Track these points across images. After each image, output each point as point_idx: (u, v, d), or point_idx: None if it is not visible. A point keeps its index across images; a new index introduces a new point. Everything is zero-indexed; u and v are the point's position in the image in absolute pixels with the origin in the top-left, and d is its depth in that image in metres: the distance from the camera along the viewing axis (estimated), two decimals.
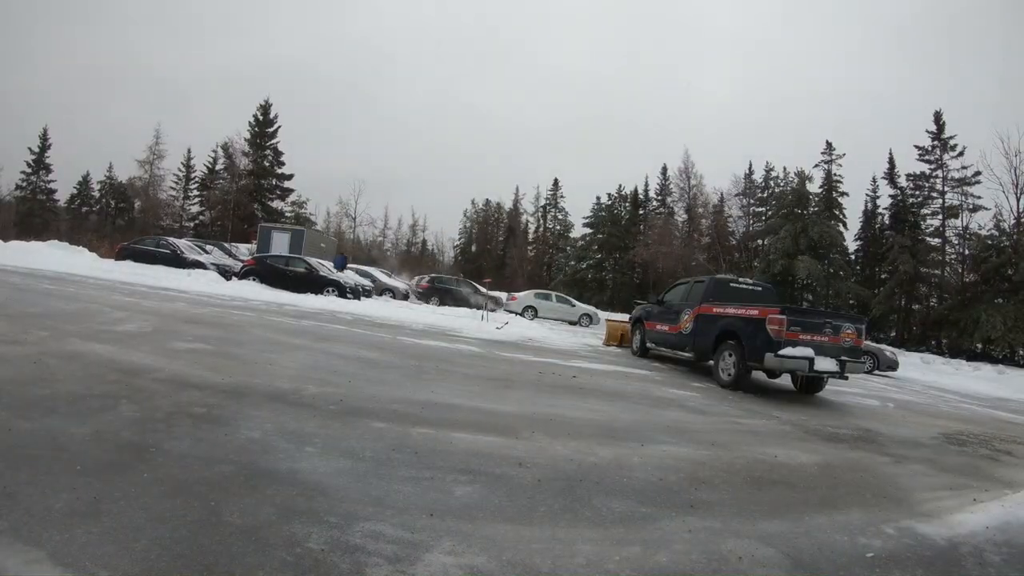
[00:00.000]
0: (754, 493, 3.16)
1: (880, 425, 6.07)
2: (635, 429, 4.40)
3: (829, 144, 31.91)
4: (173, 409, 3.33)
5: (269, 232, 22.65)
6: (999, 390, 13.76)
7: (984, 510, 3.19)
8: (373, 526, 2.17)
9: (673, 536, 2.43)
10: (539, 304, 22.37)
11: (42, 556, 1.71)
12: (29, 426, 2.77)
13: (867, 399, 8.39)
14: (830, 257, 29.91)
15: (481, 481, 2.81)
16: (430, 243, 56.38)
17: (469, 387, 5.31)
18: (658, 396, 6.24)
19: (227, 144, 38.91)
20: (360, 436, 3.28)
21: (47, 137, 41.08)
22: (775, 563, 2.28)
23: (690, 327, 8.70)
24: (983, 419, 8.01)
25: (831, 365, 6.86)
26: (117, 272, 14.21)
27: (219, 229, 37.36)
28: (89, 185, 43.68)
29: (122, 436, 2.80)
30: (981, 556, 2.57)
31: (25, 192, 40.69)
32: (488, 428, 3.85)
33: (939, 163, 27.41)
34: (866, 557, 2.43)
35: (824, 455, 4.31)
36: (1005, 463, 4.84)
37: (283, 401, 3.83)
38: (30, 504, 2.01)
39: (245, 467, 2.59)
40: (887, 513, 3.05)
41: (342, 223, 47.19)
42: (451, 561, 1.99)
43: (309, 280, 15.87)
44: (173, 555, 1.80)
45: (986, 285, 24.11)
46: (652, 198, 43.41)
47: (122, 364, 4.32)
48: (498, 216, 54.39)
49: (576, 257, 44.20)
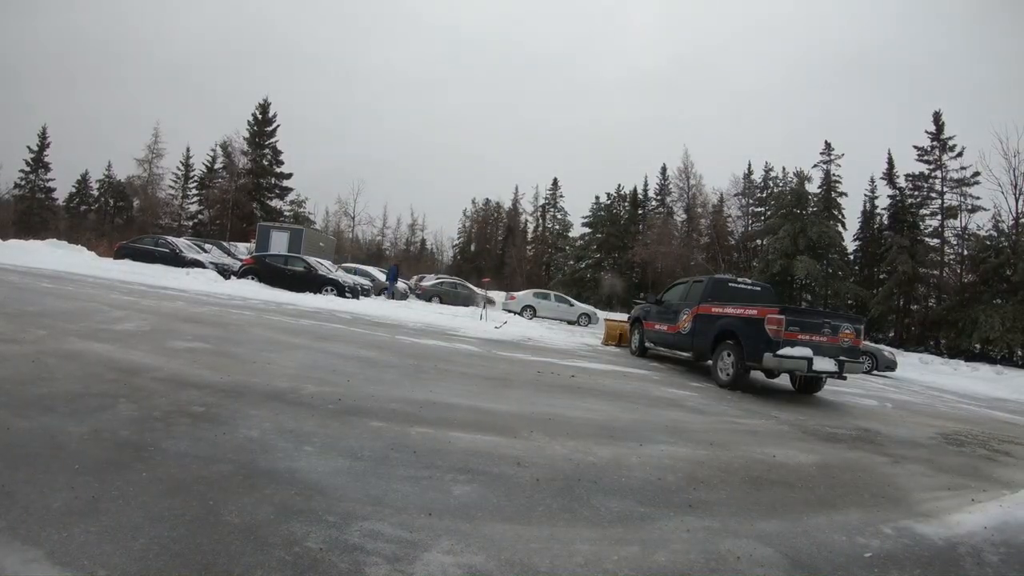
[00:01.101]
0: (752, 493, 3.16)
1: (878, 425, 6.08)
2: (633, 429, 4.40)
3: (828, 144, 31.99)
4: (171, 408, 3.33)
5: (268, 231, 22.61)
6: (997, 390, 13.79)
7: (982, 510, 3.19)
8: (372, 525, 2.17)
9: (671, 536, 2.43)
10: (538, 303, 22.40)
11: (40, 555, 1.71)
12: (27, 425, 2.77)
13: (865, 399, 8.40)
14: (829, 257, 29.98)
15: (480, 480, 2.81)
16: (429, 242, 56.45)
17: (468, 386, 5.31)
18: (656, 396, 6.24)
19: (226, 143, 38.93)
20: (359, 435, 3.28)
21: (46, 135, 41.06)
22: (773, 563, 2.28)
23: (689, 327, 8.70)
24: (981, 419, 8.02)
25: (830, 365, 6.87)
26: (116, 271, 14.21)
27: (218, 228, 37.32)
28: (88, 184, 43.66)
29: (120, 435, 2.79)
30: (979, 556, 2.58)
31: (24, 191, 40.62)
32: (487, 427, 3.85)
33: (938, 163, 27.44)
34: (864, 557, 2.43)
35: (822, 455, 4.31)
36: (1003, 463, 4.85)
37: (282, 400, 3.83)
38: (28, 503, 2.00)
39: (243, 466, 2.59)
40: (885, 513, 3.05)
41: (341, 222, 47.24)
42: (450, 560, 1.99)
43: (308, 279, 15.88)
44: (171, 554, 1.80)
45: (985, 286, 24.13)
46: (651, 198, 43.44)
47: (121, 363, 4.31)
48: (497, 215, 54.36)
49: (575, 257, 44.22)
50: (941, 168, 27.34)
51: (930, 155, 27.72)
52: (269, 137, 39.32)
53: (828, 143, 31.97)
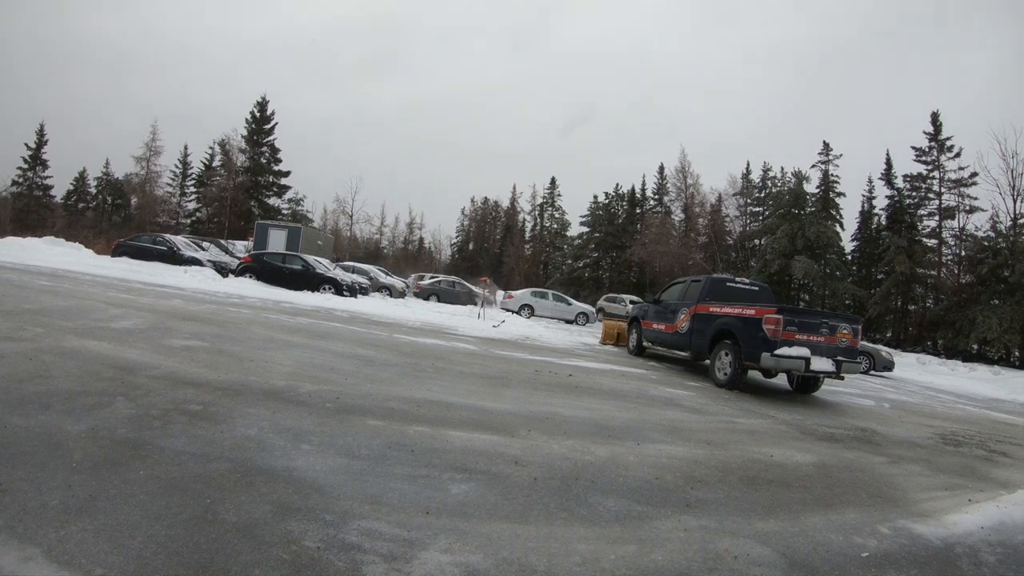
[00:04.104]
0: (750, 492, 3.17)
1: (876, 425, 6.09)
2: (631, 428, 4.41)
3: (826, 144, 32.08)
4: (169, 406, 3.32)
5: (266, 229, 22.55)
6: (994, 391, 13.81)
7: (979, 510, 3.21)
8: (369, 524, 2.17)
9: (669, 535, 2.43)
10: (536, 303, 22.41)
11: (37, 553, 1.70)
12: (24, 423, 2.76)
13: (863, 399, 8.42)
14: (827, 257, 30.03)
15: (477, 479, 2.81)
16: (427, 241, 56.44)
17: (466, 385, 5.30)
18: (654, 395, 6.25)
19: (224, 141, 38.82)
20: (356, 434, 3.28)
21: (43, 133, 40.92)
22: (771, 562, 2.28)
23: (687, 326, 8.71)
24: (978, 420, 8.04)
25: (827, 365, 6.88)
26: (113, 269, 14.17)
27: (216, 226, 37.24)
28: (86, 181, 43.59)
29: (118, 433, 2.79)
30: (976, 556, 2.58)
31: (21, 188, 40.49)
32: (484, 426, 3.85)
33: (936, 164, 27.53)
34: (861, 557, 2.44)
35: (820, 455, 4.32)
36: (1000, 464, 4.86)
37: (279, 399, 3.82)
38: (25, 501, 2.00)
39: (241, 464, 2.58)
40: (883, 513, 3.06)
41: (339, 220, 47.18)
42: (447, 559, 1.99)
43: (306, 277, 15.87)
44: (168, 552, 1.79)
45: (982, 286, 24.19)
46: (649, 197, 43.47)
47: (118, 361, 4.30)
48: (496, 214, 54.39)
49: (573, 256, 44.22)
50: (939, 169, 27.44)
51: (928, 156, 27.82)
52: (267, 135, 39.22)
53: (826, 143, 32.13)
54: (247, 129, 38.71)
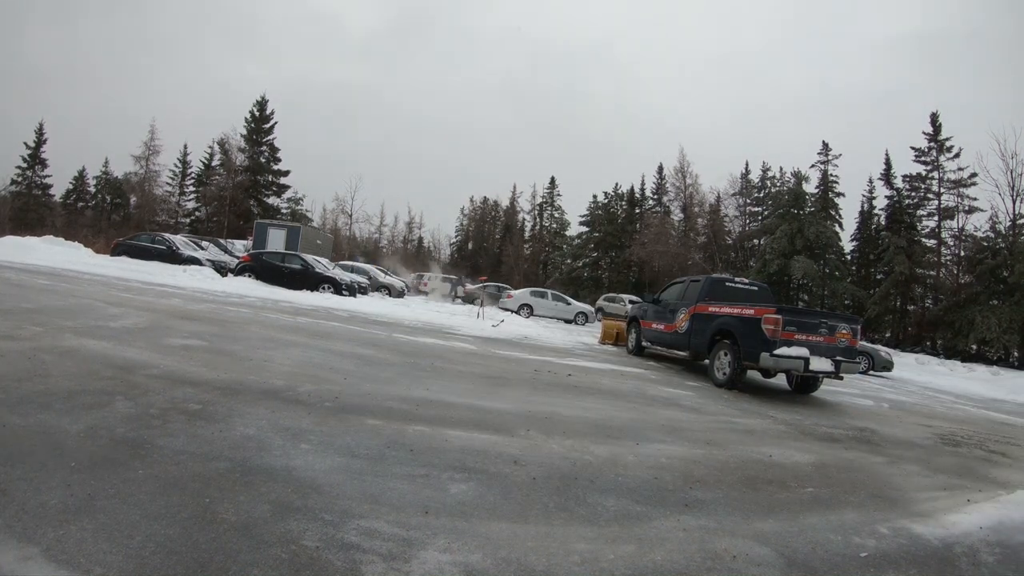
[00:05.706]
0: (749, 492, 3.17)
1: (875, 425, 6.10)
2: (630, 428, 4.41)
3: (826, 144, 32.08)
4: (168, 406, 3.32)
5: (265, 228, 22.52)
6: (993, 391, 13.82)
7: (978, 510, 3.20)
8: (368, 523, 2.17)
9: (668, 535, 2.43)
10: (535, 302, 22.42)
11: (36, 553, 1.70)
12: (23, 422, 2.75)
13: (862, 399, 8.42)
14: (826, 257, 30.04)
15: (476, 479, 2.81)
16: (427, 240, 56.41)
17: (465, 385, 5.30)
18: (653, 395, 6.25)
19: (223, 140, 38.74)
20: (355, 433, 3.28)
21: (43, 131, 40.81)
22: (769, 562, 2.28)
23: (686, 326, 8.71)
24: (977, 420, 8.05)
25: (826, 365, 6.88)
26: (112, 268, 14.15)
27: (215, 225, 37.21)
28: (85, 180, 43.46)
29: (117, 432, 2.78)
30: (975, 556, 2.59)
31: (20, 187, 40.41)
32: (483, 426, 3.85)
33: (935, 164, 27.55)
34: (860, 557, 2.44)
35: (819, 455, 4.32)
36: (999, 464, 4.87)
37: (278, 398, 3.82)
38: (24, 500, 2.00)
39: (240, 464, 2.58)
40: (882, 513, 3.06)
41: (338, 220, 47.15)
42: (446, 559, 1.99)
43: (305, 277, 15.86)
44: (167, 552, 1.79)
45: (981, 287, 24.21)
46: (648, 197, 43.42)
47: (117, 360, 4.30)
48: (495, 214, 54.35)
49: (572, 255, 44.22)
50: (938, 169, 27.47)
51: (927, 156, 27.84)
52: (266, 134, 39.19)
53: (826, 143, 32.12)
54: (246, 128, 38.68)
